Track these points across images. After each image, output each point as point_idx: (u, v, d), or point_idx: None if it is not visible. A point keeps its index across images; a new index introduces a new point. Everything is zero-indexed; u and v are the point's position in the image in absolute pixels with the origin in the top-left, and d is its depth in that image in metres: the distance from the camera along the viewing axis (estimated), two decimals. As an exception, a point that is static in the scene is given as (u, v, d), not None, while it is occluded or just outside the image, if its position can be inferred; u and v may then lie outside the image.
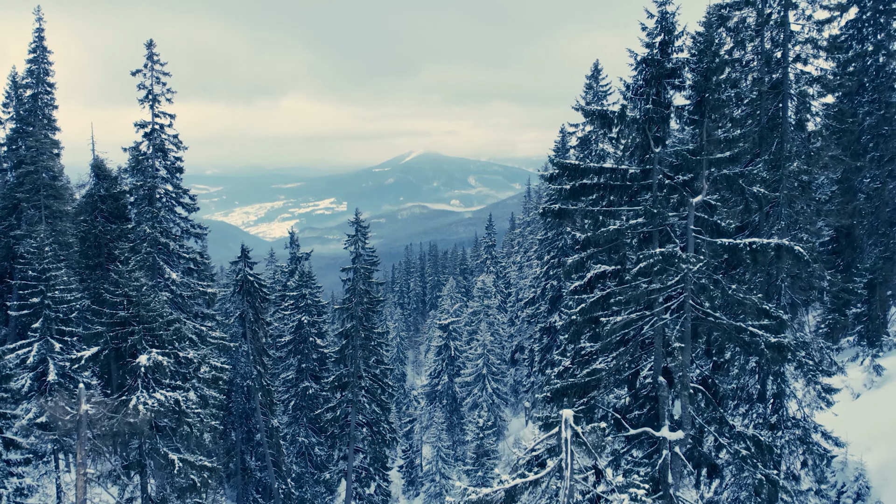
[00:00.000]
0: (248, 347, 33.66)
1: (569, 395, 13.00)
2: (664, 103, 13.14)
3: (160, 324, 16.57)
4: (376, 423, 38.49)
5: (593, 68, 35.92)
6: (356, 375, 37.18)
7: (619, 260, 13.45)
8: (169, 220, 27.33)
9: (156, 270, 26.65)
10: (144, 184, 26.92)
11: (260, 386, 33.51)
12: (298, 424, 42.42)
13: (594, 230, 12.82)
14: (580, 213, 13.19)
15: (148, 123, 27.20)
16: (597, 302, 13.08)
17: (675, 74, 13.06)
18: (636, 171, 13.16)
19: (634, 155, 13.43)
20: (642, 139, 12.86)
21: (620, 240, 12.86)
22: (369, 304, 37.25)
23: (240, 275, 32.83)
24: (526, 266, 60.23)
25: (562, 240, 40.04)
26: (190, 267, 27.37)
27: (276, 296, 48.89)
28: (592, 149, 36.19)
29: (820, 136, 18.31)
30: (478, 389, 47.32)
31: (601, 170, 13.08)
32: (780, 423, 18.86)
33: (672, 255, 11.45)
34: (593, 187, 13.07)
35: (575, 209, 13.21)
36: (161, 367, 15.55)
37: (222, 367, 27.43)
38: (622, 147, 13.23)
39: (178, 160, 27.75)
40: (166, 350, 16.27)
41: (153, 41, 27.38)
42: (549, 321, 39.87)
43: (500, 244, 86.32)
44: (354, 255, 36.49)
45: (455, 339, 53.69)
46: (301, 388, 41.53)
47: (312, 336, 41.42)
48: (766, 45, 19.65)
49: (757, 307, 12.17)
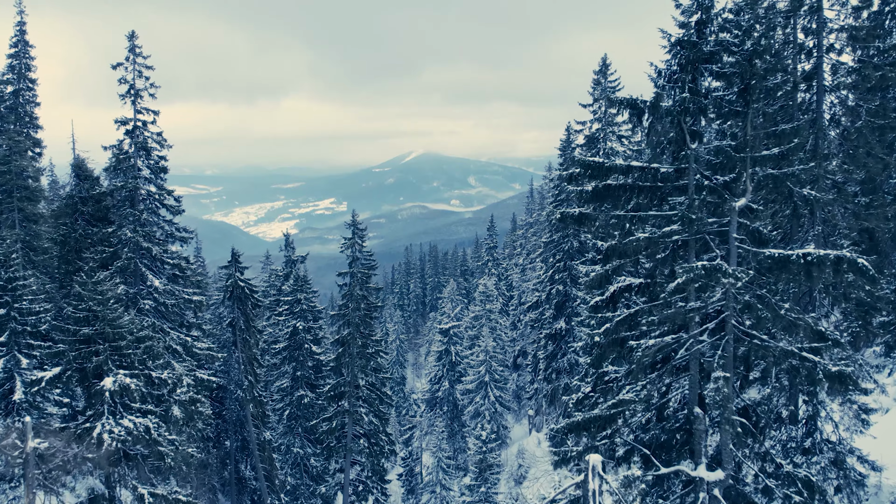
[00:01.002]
0: (238, 356, 31.98)
1: (591, 428, 11.35)
2: (701, 91, 11.43)
3: (129, 342, 14.90)
4: (374, 435, 36.84)
5: (601, 63, 34.23)
6: (353, 385, 35.53)
7: (650, 273, 11.75)
8: (152, 223, 25.62)
9: (138, 277, 24.96)
10: (126, 184, 25.21)
11: (251, 397, 31.82)
12: (293, 434, 40.72)
13: (620, 238, 11.13)
14: (604, 218, 11.50)
15: (129, 120, 25.49)
16: (623, 321, 11.42)
17: (714, 59, 11.36)
18: (669, 170, 11.46)
19: (666, 152, 11.75)
20: (677, 133, 11.16)
21: (651, 250, 11.19)
22: (367, 310, 35.60)
23: (230, 280, 31.16)
24: (529, 269, 58.55)
25: (568, 243, 38.37)
26: (175, 273, 25.66)
27: (270, 300, 47.20)
28: (600, 147, 34.53)
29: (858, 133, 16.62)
30: (480, 397, 45.62)
31: (629, 169, 11.36)
32: (814, 447, 17.19)
33: (716, 268, 9.79)
34: (619, 189, 11.39)
35: (598, 214, 11.53)
36: (128, 391, 13.91)
37: (208, 381, 25.76)
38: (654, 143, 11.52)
39: (162, 159, 26.03)
40: (136, 371, 14.61)
41: (135, 32, 25.70)
42: (555, 327, 38.21)
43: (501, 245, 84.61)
44: (351, 258, 34.85)
45: (456, 343, 52.00)
46: (296, 397, 39.82)
47: (308, 343, 39.70)
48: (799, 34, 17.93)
49: (812, 329, 10.50)
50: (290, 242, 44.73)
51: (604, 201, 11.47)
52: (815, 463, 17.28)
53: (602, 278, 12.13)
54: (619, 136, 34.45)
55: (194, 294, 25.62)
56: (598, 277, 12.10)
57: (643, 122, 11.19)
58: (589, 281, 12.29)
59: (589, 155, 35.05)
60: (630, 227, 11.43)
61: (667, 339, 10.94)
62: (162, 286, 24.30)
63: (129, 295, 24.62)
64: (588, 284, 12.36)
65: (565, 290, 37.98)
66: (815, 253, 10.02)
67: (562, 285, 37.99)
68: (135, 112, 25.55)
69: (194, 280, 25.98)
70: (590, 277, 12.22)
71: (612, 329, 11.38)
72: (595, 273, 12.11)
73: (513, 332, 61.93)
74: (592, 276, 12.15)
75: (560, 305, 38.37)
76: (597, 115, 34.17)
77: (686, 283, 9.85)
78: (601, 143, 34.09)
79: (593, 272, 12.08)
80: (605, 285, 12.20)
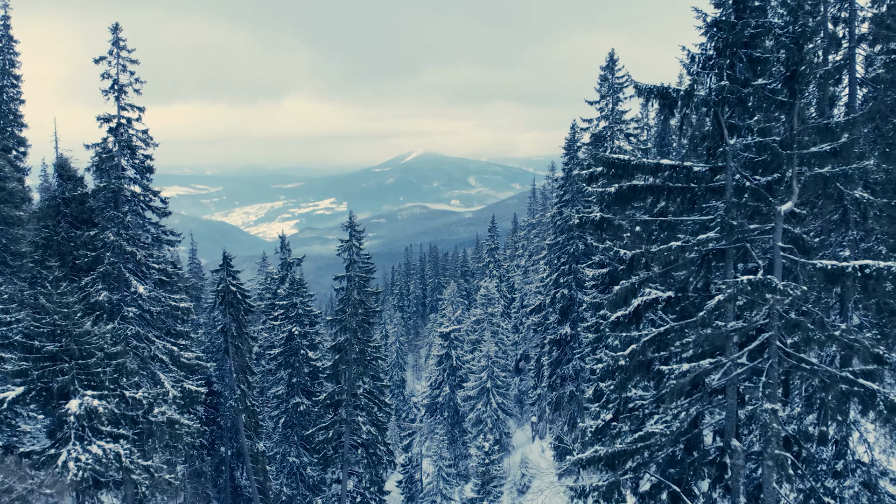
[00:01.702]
0: (230, 364, 30.63)
1: (615, 464, 10.01)
2: (741, 79, 10.05)
3: (99, 359, 13.56)
4: (372, 445, 35.49)
5: (608, 58, 32.87)
6: (350, 393, 34.19)
7: (681, 286, 10.39)
8: (137, 225, 24.26)
9: (122, 283, 23.60)
10: (108, 185, 23.86)
11: (243, 407, 30.46)
12: (289, 443, 39.36)
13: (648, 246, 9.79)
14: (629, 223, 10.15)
15: (113, 117, 24.13)
16: (651, 341, 10.09)
17: (754, 42, 10.00)
18: (703, 168, 10.12)
19: (698, 147, 10.39)
20: (713, 126, 9.81)
21: (682, 260, 9.84)
22: (365, 315, 34.24)
23: (221, 285, 29.80)
24: (532, 270, 57.20)
25: (573, 245, 37.01)
26: (161, 279, 24.29)
27: (265, 304, 45.84)
28: (607, 146, 33.18)
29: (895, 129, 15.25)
30: (482, 404, 44.25)
31: (658, 167, 10.00)
32: (846, 469, 15.84)
33: (764, 284, 8.46)
34: (646, 191, 10.04)
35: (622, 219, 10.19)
36: (96, 414, 12.58)
37: (197, 392, 24.40)
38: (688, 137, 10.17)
39: (147, 158, 24.66)
40: (106, 391, 13.28)
41: (119, 25, 24.36)
42: (560, 332, 36.82)
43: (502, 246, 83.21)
44: (348, 261, 33.49)
45: (457, 347, 50.63)
46: (292, 405, 38.44)
47: (304, 348, 38.32)
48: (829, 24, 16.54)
49: (869, 351, 9.17)
50: (286, 244, 43.33)
51: (628, 204, 10.12)
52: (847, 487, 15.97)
53: (628, 293, 10.76)
54: (628, 134, 33.11)
55: (182, 300, 24.26)
56: (622, 292, 10.72)
57: (675, 114, 9.86)
58: (613, 297, 10.88)
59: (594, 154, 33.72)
60: (659, 233, 10.08)
61: (704, 365, 9.59)
62: (147, 292, 22.94)
63: (113, 302, 23.29)
64: (612, 301, 10.95)
65: (570, 294, 36.62)
66: (873, 265, 8.69)
67: (567, 289, 36.63)
68: (118, 109, 24.21)
69: (182, 286, 24.60)
70: (614, 292, 10.82)
71: (640, 350, 10.05)
72: (620, 288, 10.72)
73: (515, 336, 60.58)
74: (617, 291, 10.75)
75: (565, 310, 37.00)
76: (604, 112, 32.82)
77: (728, 301, 8.55)
78: (608, 142, 32.72)
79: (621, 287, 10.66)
80: (630, 300, 10.85)
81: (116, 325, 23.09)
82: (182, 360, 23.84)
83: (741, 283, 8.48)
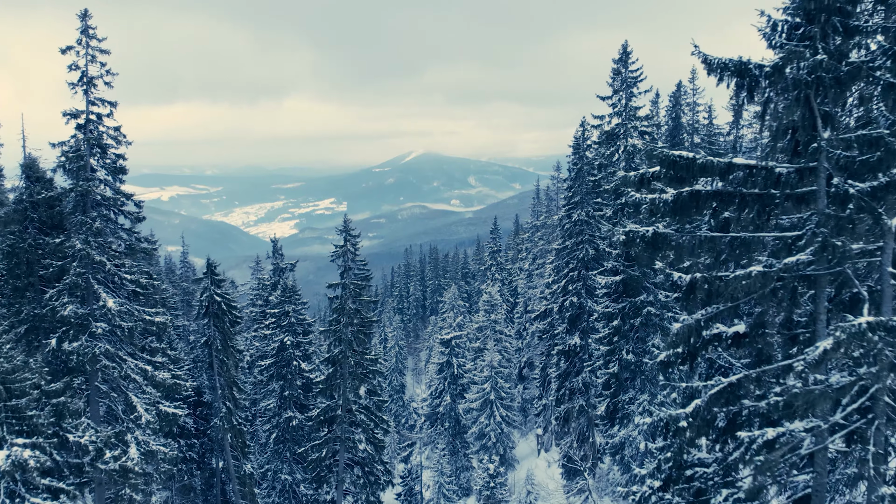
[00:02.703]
0: (215, 379, 28.42)
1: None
2: (837, 53, 7.80)
3: (33, 398, 11.40)
4: (369, 464, 33.27)
5: (621, 51, 30.67)
6: (345, 409, 31.97)
7: (757, 321, 8.17)
8: (108, 232, 22.03)
9: (90, 295, 21.38)
10: (76, 187, 21.64)
11: (229, 425, 28.23)
12: (281, 460, 37.12)
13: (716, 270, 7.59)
14: (690, 240, 7.90)
15: (81, 113, 21.91)
16: (720, 395, 7.89)
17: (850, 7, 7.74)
18: (788, 170, 7.91)
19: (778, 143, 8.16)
20: (804, 115, 7.61)
21: (765, 290, 7.62)
22: (360, 325, 32.01)
23: (205, 294, 27.59)
24: (536, 274, 54.95)
25: (582, 250, 34.82)
26: (135, 290, 22.07)
27: (257, 312, 43.66)
28: (620, 144, 30.97)
29: None
30: (485, 417, 42.01)
31: (729, 168, 7.73)
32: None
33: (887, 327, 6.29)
34: (712, 198, 7.81)
35: (682, 236, 7.94)
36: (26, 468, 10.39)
37: (174, 415, 22.17)
38: (771, 129, 7.94)
39: (120, 158, 22.43)
40: (41, 438, 11.12)
41: (88, 11, 22.16)
42: (569, 343, 34.62)
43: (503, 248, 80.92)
44: (343, 268, 31.27)
45: (458, 355, 48.38)
46: (284, 419, 36.21)
47: (296, 359, 36.09)
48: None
49: None
50: (279, 248, 41.19)
51: (686, 215, 7.91)
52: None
53: (691, 332, 8.43)
54: (642, 131, 30.91)
55: (157, 314, 22.03)
56: (685, 331, 8.39)
57: (754, 98, 7.65)
58: (672, 339, 8.59)
59: (606, 154, 31.51)
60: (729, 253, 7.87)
61: (798, 432, 7.41)
62: (117, 306, 20.71)
63: (80, 316, 21.06)
64: (671, 343, 8.68)
65: (580, 303, 34.42)
66: None
67: (576, 297, 34.43)
68: (87, 103, 21.99)
69: (158, 297, 22.37)
70: (675, 332, 8.54)
71: (704, 408, 7.83)
72: (681, 326, 8.43)
73: (518, 342, 58.32)
74: (678, 330, 8.46)
75: (574, 319, 34.80)
76: (616, 108, 30.62)
77: (837, 348, 6.39)
78: (621, 140, 30.52)
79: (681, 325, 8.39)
80: (695, 341, 8.52)
81: (84, 343, 20.90)
82: (157, 379, 21.61)
83: (855, 327, 6.31)
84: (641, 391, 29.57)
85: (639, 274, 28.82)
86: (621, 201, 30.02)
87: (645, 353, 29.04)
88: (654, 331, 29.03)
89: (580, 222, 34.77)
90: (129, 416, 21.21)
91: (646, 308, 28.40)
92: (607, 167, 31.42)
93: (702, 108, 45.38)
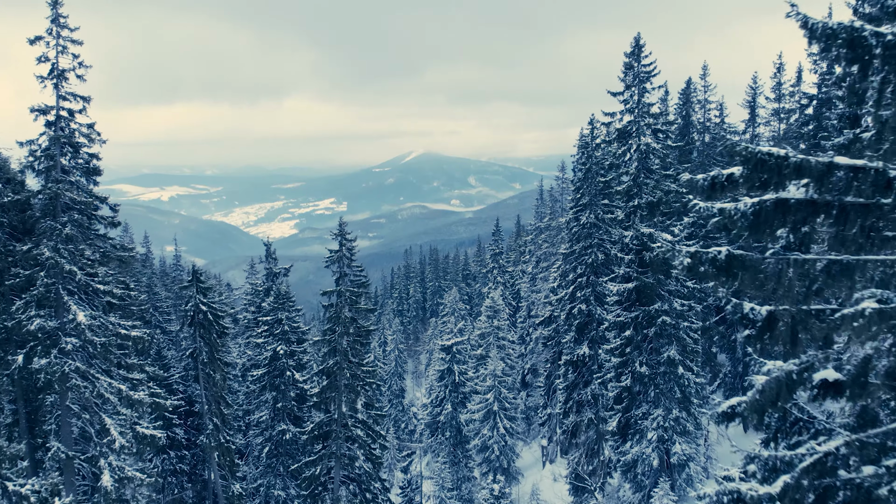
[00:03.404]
0: (201, 394, 26.64)
1: None
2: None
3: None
4: (366, 481, 31.52)
5: (634, 44, 28.86)
6: (340, 423, 30.19)
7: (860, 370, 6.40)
8: (80, 239, 20.25)
9: (60, 308, 19.61)
10: (44, 190, 19.87)
11: (216, 443, 26.44)
12: (274, 474, 35.34)
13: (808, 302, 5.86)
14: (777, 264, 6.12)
15: (51, 108, 20.14)
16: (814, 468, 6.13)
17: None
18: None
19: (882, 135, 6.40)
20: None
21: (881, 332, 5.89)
22: (357, 335, 30.24)
23: (190, 304, 25.81)
24: (540, 278, 53.16)
25: (591, 255, 33.04)
26: (110, 302, 20.31)
27: (249, 319, 41.91)
28: (632, 143, 29.18)
29: None
30: (488, 429, 40.24)
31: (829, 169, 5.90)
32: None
33: None
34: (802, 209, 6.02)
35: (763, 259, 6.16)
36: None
37: (152, 437, 20.40)
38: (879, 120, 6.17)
39: (93, 157, 20.66)
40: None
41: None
42: (577, 353, 32.84)
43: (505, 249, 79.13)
44: (338, 274, 29.49)
45: (460, 362, 46.57)
46: (277, 432, 34.44)
47: (290, 369, 34.32)
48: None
49: None
50: (272, 252, 39.34)
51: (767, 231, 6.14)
52: None
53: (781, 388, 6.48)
54: (656, 130, 29.13)
55: (134, 328, 20.26)
56: (774, 386, 6.42)
57: (868, 76, 5.90)
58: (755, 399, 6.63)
59: (618, 153, 29.70)
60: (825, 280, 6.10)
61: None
62: (88, 320, 18.93)
63: (48, 331, 19.28)
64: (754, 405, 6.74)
65: (588, 310, 32.64)
66: None
67: (584, 304, 32.65)
68: (58, 98, 20.22)
69: (136, 309, 20.62)
70: (760, 388, 6.63)
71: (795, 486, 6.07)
72: (770, 379, 6.51)
73: (521, 347, 56.55)
74: (765, 386, 6.53)
75: (582, 327, 33.02)
76: (628, 104, 28.80)
77: None
78: (633, 138, 28.73)
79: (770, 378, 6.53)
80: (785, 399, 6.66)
81: (52, 361, 19.12)
82: (134, 399, 19.83)
83: None
84: (655, 405, 27.83)
85: (653, 281, 27.08)
86: (633, 203, 28.29)
87: (659, 364, 27.31)
88: (668, 341, 27.31)
89: (589, 225, 33.01)
90: (102, 440, 19.45)
91: (661, 317, 26.65)
92: (618, 167, 29.64)
93: (713, 105, 43.64)
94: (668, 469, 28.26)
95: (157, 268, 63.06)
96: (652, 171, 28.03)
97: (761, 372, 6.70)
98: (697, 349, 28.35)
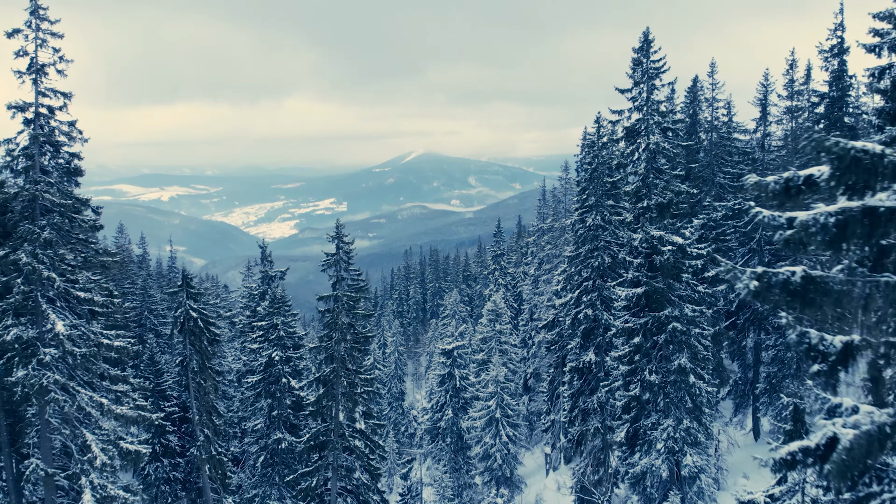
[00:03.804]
0: (191, 403, 25.53)
1: None
2: None
3: None
4: (363, 493, 30.40)
5: (642, 39, 27.73)
6: (337, 433, 29.06)
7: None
8: (60, 243, 19.14)
9: (39, 317, 18.49)
10: (22, 191, 18.76)
11: (207, 455, 25.32)
12: (270, 484, 34.24)
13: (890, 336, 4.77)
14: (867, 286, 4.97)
15: (29, 105, 19.04)
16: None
17: None
18: None
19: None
20: None
21: None
22: (354, 341, 29.11)
23: (180, 310, 24.71)
24: (543, 281, 52.02)
25: (597, 258, 31.92)
26: (91, 310, 19.20)
27: (244, 324, 40.85)
28: (640, 142, 28.06)
29: None
30: (490, 437, 39.12)
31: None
32: None
33: None
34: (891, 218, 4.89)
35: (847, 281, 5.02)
36: None
37: (136, 452, 19.30)
38: None
39: (74, 157, 19.56)
40: None
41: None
42: (583, 360, 31.71)
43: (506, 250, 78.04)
44: (335, 279, 28.36)
45: (460, 366, 45.47)
46: (272, 441, 33.32)
47: (286, 376, 33.20)
48: None
49: None
50: (268, 255, 38.26)
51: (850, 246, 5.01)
52: None
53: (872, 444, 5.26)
54: (665, 128, 28.00)
55: (117, 337, 19.14)
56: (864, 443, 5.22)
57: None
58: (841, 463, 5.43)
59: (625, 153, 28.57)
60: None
61: None
62: (67, 329, 17.82)
63: (26, 341, 18.17)
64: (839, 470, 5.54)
65: (595, 315, 31.51)
66: None
67: (591, 309, 31.51)
68: (37, 95, 19.10)
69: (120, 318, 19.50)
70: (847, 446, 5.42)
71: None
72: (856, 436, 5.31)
73: (523, 351, 55.40)
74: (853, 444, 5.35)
75: (588, 333, 31.90)
76: (637, 102, 27.66)
77: None
78: (643, 137, 27.60)
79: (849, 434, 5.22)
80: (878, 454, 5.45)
81: (30, 373, 18.02)
82: (117, 412, 18.72)
83: None
84: (665, 415, 26.71)
85: (663, 286, 25.96)
86: (642, 205, 27.19)
87: (670, 373, 26.20)
88: (679, 349, 26.19)
89: (595, 227, 31.89)
90: (83, 457, 18.34)
91: (671, 324, 25.52)
92: (626, 167, 28.52)
93: (721, 103, 42.47)
94: (678, 481, 27.13)
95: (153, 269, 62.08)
96: (662, 171, 26.91)
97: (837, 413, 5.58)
98: (708, 356, 27.25)
